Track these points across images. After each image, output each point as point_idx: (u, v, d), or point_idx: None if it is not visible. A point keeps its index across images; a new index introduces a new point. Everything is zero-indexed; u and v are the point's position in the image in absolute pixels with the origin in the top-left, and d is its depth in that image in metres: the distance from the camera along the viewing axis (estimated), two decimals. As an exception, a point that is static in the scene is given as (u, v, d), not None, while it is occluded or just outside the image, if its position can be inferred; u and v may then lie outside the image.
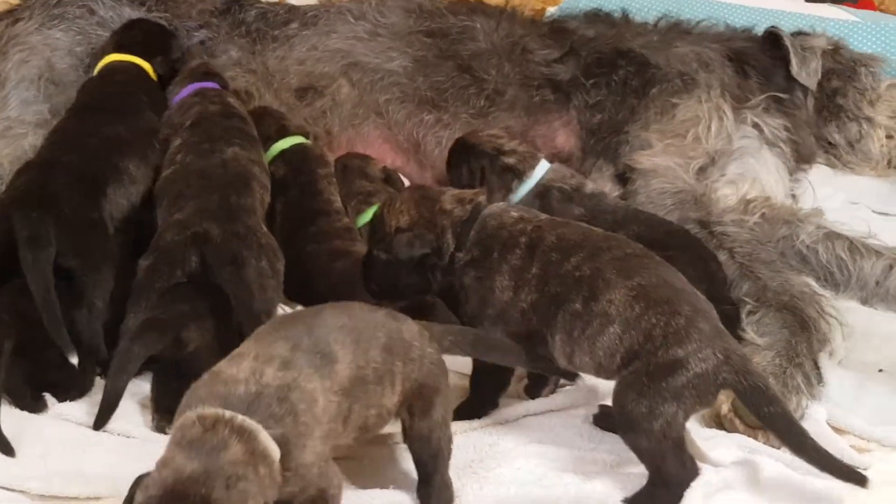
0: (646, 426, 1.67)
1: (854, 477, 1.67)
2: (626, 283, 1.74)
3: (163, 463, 1.38)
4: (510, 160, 2.45)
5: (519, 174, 2.43)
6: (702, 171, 2.73)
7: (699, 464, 1.75)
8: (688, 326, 1.69)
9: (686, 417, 1.69)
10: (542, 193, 2.40)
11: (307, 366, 1.51)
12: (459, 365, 2.00)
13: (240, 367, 1.49)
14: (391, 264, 1.93)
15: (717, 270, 2.29)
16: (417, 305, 2.00)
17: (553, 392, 2.04)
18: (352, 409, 1.56)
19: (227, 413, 1.41)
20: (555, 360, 1.85)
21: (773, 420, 1.69)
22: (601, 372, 1.78)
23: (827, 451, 1.69)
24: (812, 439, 1.69)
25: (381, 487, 1.74)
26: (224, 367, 1.50)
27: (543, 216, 1.94)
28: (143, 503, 1.35)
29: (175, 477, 1.35)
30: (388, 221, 1.94)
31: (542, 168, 2.44)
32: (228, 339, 1.85)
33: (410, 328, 1.68)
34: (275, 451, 1.42)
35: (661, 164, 2.69)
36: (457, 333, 1.80)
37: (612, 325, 1.73)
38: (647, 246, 1.89)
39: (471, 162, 2.47)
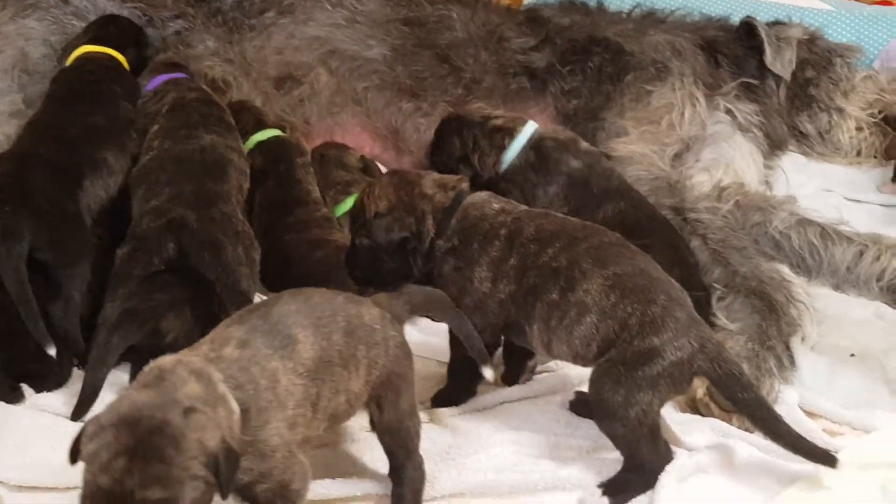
0: (621, 414, 1.68)
1: (826, 459, 1.70)
2: (602, 273, 1.75)
3: (117, 399, 1.34)
4: (499, 122, 2.50)
5: (510, 132, 2.48)
6: (677, 157, 2.75)
7: (673, 448, 1.78)
8: (663, 315, 1.70)
9: (661, 405, 1.71)
10: (537, 145, 2.45)
11: (265, 346, 1.49)
12: (439, 353, 2.01)
13: (198, 351, 1.48)
14: (373, 250, 1.92)
15: (688, 257, 2.32)
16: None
17: (529, 380, 2.06)
18: (320, 395, 1.53)
19: (186, 358, 1.40)
20: (533, 349, 1.87)
21: (748, 406, 1.71)
22: (578, 360, 1.79)
23: (800, 435, 1.71)
24: (786, 424, 1.71)
25: (355, 474, 1.74)
26: (182, 354, 1.49)
27: (523, 207, 1.94)
28: (95, 432, 1.29)
29: (130, 405, 1.31)
30: (368, 207, 1.92)
31: (532, 126, 2.49)
32: (208, 327, 1.83)
33: (371, 311, 1.64)
34: (234, 404, 1.38)
35: (638, 151, 2.71)
36: (413, 300, 1.74)
37: (588, 314, 1.74)
38: (628, 226, 1.91)
39: (462, 132, 2.51)
